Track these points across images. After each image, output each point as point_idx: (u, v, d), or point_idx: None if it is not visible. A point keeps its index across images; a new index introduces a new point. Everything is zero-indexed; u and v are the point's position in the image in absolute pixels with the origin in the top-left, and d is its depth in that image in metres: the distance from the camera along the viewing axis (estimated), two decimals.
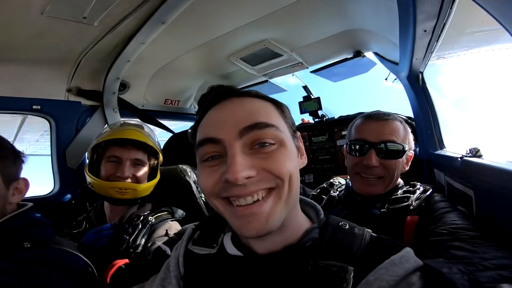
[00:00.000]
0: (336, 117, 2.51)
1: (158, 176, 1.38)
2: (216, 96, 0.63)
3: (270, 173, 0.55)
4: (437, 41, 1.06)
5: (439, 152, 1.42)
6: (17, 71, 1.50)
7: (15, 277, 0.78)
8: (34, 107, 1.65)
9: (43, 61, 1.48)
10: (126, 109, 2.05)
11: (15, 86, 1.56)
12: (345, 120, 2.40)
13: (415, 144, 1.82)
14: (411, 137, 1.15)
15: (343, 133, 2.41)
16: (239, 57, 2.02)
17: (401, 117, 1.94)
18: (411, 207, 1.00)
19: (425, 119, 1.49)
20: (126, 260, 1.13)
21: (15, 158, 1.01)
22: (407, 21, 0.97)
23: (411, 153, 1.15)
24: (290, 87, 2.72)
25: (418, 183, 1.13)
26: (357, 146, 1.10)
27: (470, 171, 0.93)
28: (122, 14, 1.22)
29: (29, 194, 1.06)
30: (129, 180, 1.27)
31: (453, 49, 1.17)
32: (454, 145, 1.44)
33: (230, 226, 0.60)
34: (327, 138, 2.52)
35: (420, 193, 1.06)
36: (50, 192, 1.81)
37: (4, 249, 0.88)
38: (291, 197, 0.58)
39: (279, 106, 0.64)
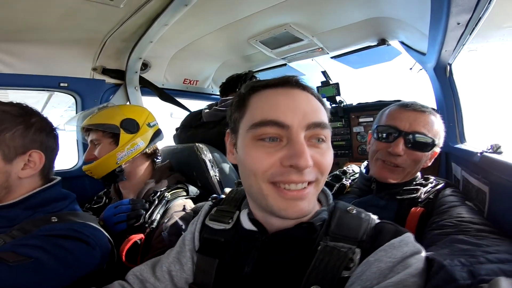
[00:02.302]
0: (354, 104, 2.45)
1: (119, 146, 1.30)
2: (285, 80, 0.65)
3: (319, 166, 0.61)
4: (470, 34, 1.02)
5: (459, 146, 1.40)
6: (46, 51, 1.55)
7: (44, 251, 0.80)
8: (61, 84, 1.73)
9: (71, 41, 1.52)
10: (147, 87, 2.10)
11: (44, 65, 1.62)
12: (363, 108, 2.37)
13: None
14: (442, 134, 1.11)
15: (361, 120, 2.38)
16: (259, 40, 1.99)
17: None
18: (419, 199, 1.00)
19: (448, 112, 1.46)
20: (142, 235, 1.17)
21: (25, 128, 0.94)
22: (440, 12, 0.93)
23: (437, 150, 1.12)
24: (308, 71, 2.66)
25: (432, 177, 1.12)
26: (386, 133, 1.08)
27: (488, 167, 0.93)
28: None
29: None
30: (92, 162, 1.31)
31: (486, 42, 1.12)
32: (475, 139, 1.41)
33: (263, 206, 0.63)
34: (343, 124, 2.49)
35: (431, 187, 1.06)
36: (73, 166, 1.91)
37: (34, 223, 0.90)
38: (321, 188, 0.66)
39: (327, 109, 0.69)
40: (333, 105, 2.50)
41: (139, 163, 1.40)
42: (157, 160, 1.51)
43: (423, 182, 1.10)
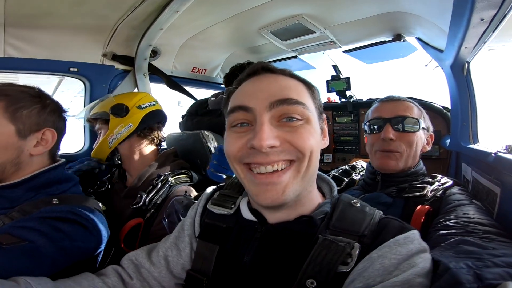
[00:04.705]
0: (364, 100, 2.41)
1: (108, 130, 1.36)
2: (253, 70, 0.67)
3: (292, 146, 0.58)
4: (493, 32, 0.97)
5: (471, 146, 1.36)
6: (57, 37, 1.55)
7: (40, 234, 0.78)
8: (71, 69, 1.73)
9: (82, 27, 1.51)
10: (156, 74, 2.09)
11: (55, 50, 1.62)
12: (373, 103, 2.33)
13: (446, 136, 1.80)
14: (427, 117, 1.19)
15: None
16: (269, 31, 1.95)
17: (438, 107, 1.91)
18: (426, 197, 0.99)
19: (462, 111, 1.42)
20: (140, 220, 1.17)
21: (41, 108, 0.98)
22: (463, 7, 0.89)
23: (431, 132, 1.19)
24: (318, 64, 2.61)
25: (440, 175, 1.12)
26: (375, 125, 1.16)
27: (501, 168, 0.91)
28: None
29: (60, 151, 1.09)
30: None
31: (508, 42, 1.07)
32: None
33: (247, 191, 0.65)
34: (352, 120, 2.48)
35: (438, 185, 1.05)
36: (80, 150, 1.93)
37: (34, 204, 0.90)
38: (308, 173, 0.61)
39: (310, 87, 0.67)
40: (343, 99, 2.47)
41: (137, 146, 1.39)
42: (161, 147, 1.51)
43: (430, 180, 1.09)
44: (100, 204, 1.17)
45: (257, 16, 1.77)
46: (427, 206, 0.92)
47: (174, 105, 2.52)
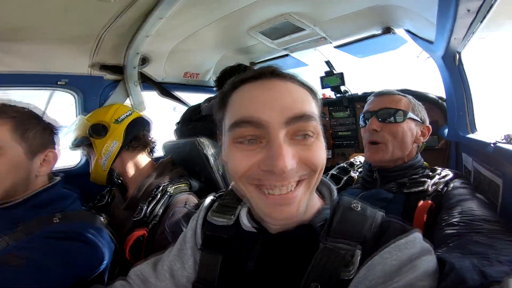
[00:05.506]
0: (359, 94, 2.40)
1: (96, 154, 1.32)
2: (260, 72, 0.58)
3: (306, 164, 0.55)
4: (481, 22, 0.96)
5: (470, 135, 1.35)
6: (42, 49, 1.53)
7: (44, 254, 0.80)
8: (59, 82, 1.70)
9: (67, 38, 1.49)
10: (147, 82, 2.07)
11: (42, 63, 1.60)
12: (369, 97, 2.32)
13: (444, 125, 1.79)
14: (421, 109, 1.20)
15: None
16: (258, 31, 1.93)
17: (433, 97, 1.91)
18: (427, 192, 0.98)
19: (458, 100, 1.41)
20: (144, 231, 1.16)
21: (43, 129, 1.02)
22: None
23: (427, 124, 1.19)
24: (311, 61, 2.59)
25: (440, 168, 1.11)
26: (365, 118, 1.21)
27: (502, 158, 0.89)
28: None
29: (57, 165, 1.10)
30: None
31: (497, 31, 1.05)
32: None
33: (255, 209, 0.61)
34: (348, 114, 2.47)
35: (439, 178, 1.03)
36: (77, 164, 1.91)
37: (36, 223, 0.91)
38: (316, 185, 0.59)
39: (315, 95, 0.62)
40: (338, 95, 2.46)
41: (130, 160, 1.37)
42: (154, 153, 1.49)
43: (430, 173, 1.08)
44: (103, 217, 1.20)
45: (244, 17, 1.75)
46: (429, 202, 0.91)
47: (170, 111, 2.51)
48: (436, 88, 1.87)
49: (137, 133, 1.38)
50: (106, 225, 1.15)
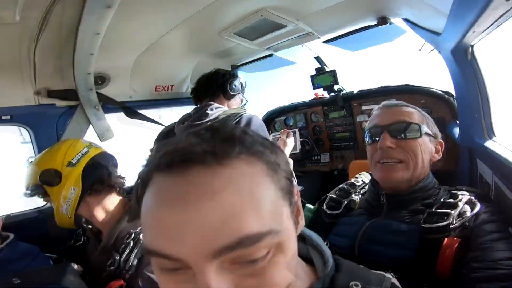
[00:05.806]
0: (355, 92, 2.21)
1: (55, 203, 1.15)
2: (166, 161, 0.36)
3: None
4: None
5: (488, 143, 1.16)
6: None
7: None
8: (3, 117, 1.45)
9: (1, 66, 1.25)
10: (109, 103, 1.80)
11: None
12: (366, 94, 2.15)
13: (452, 122, 1.61)
14: (431, 122, 1.07)
15: (364, 107, 2.19)
16: (233, 32, 1.65)
17: (437, 91, 1.71)
18: (451, 226, 0.83)
19: (471, 100, 1.22)
20: (121, 282, 1.03)
21: None
22: None
23: (439, 139, 1.07)
24: (299, 58, 2.34)
25: (461, 192, 0.94)
26: (373, 134, 1.07)
27: None
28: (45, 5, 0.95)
29: (26, 207, 0.99)
30: None
31: None
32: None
33: None
34: (345, 114, 2.29)
35: (463, 204, 0.87)
36: (45, 204, 1.65)
37: None
38: None
39: (273, 165, 0.39)
40: (332, 94, 2.28)
41: (97, 205, 1.17)
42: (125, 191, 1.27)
43: (451, 200, 0.91)
44: (76, 266, 1.10)
45: (213, 16, 1.49)
46: (455, 239, 0.80)
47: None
48: (440, 83, 1.70)
49: (99, 174, 1.16)
50: (79, 275, 1.06)
